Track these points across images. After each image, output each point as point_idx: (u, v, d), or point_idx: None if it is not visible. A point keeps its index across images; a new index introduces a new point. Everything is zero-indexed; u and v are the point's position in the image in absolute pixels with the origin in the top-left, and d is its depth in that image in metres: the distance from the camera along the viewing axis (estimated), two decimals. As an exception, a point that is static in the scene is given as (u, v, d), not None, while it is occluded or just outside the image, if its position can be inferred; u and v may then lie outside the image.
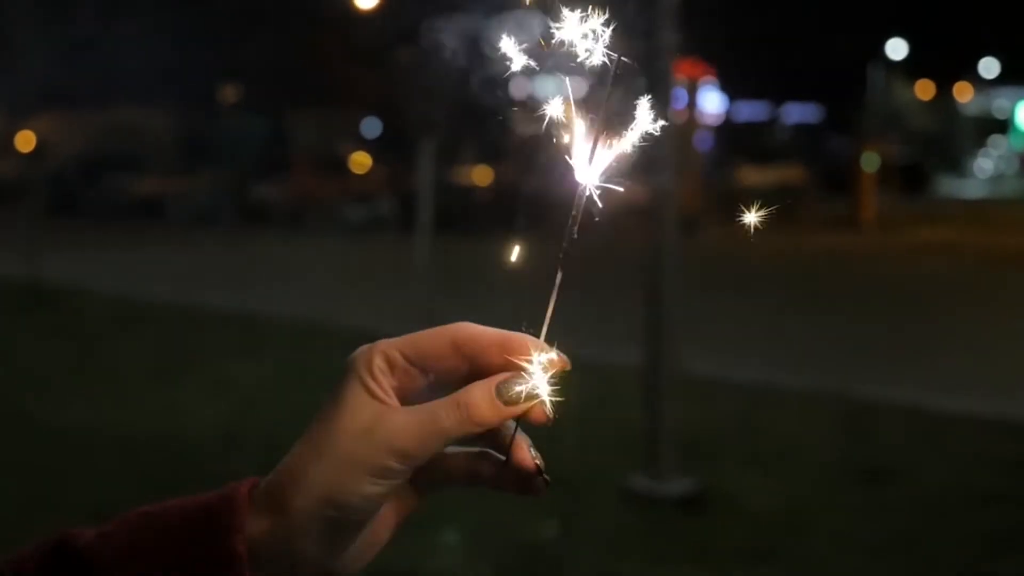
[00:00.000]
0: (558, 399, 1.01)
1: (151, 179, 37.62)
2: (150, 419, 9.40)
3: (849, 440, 8.84)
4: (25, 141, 30.78)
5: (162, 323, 14.53)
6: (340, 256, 24.01)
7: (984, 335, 13.77)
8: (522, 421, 1.01)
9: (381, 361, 0.99)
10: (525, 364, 1.00)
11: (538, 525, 6.80)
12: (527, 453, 1.02)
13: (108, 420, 9.35)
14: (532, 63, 1.02)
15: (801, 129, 52.89)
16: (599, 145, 1.02)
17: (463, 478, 1.04)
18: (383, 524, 1.02)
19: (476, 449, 1.04)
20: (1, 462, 8.24)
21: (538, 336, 1.01)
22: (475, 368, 1.01)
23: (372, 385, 0.98)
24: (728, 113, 49.13)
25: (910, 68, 54.51)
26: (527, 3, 1.02)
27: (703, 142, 36.09)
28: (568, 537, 6.75)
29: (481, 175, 32.84)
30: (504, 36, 1.01)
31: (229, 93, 47.52)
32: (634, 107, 1.02)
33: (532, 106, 1.03)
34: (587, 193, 1.02)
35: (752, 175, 36.07)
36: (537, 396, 0.99)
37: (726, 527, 6.95)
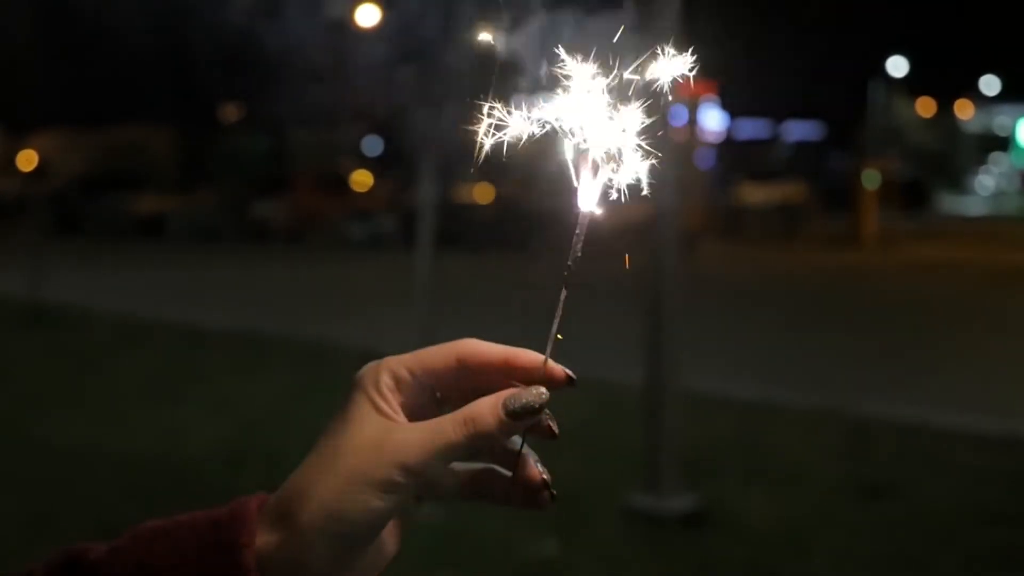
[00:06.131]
0: (561, 416, 1.02)
1: (152, 197, 37.68)
2: (151, 438, 9.39)
3: (850, 457, 8.84)
4: (27, 160, 30.84)
5: (163, 342, 14.53)
6: (341, 273, 24.03)
7: (986, 352, 13.77)
8: (528, 436, 1.02)
9: (388, 378, 1.00)
10: (531, 379, 1.01)
11: (539, 542, 6.80)
12: (534, 467, 1.03)
13: (109, 439, 9.34)
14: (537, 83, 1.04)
15: (802, 146, 52.98)
16: (600, 165, 1.03)
17: (469, 493, 1.06)
18: (390, 539, 1.03)
19: (482, 464, 1.05)
20: (3, 480, 8.24)
21: (543, 352, 1.02)
22: (481, 384, 1.02)
23: (379, 401, 0.99)
24: (729, 131, 49.21)
25: (911, 85, 54.59)
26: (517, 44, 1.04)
27: (704, 160, 36.14)
28: (569, 554, 6.74)
29: (482, 193, 32.88)
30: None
31: (230, 111, 47.61)
32: (635, 126, 1.04)
33: (534, 124, 1.04)
34: (590, 213, 1.03)
35: (753, 192, 36.13)
36: (543, 411, 1.01)
37: (727, 544, 6.95)
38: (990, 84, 58.56)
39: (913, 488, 7.96)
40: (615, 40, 1.03)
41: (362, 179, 38.00)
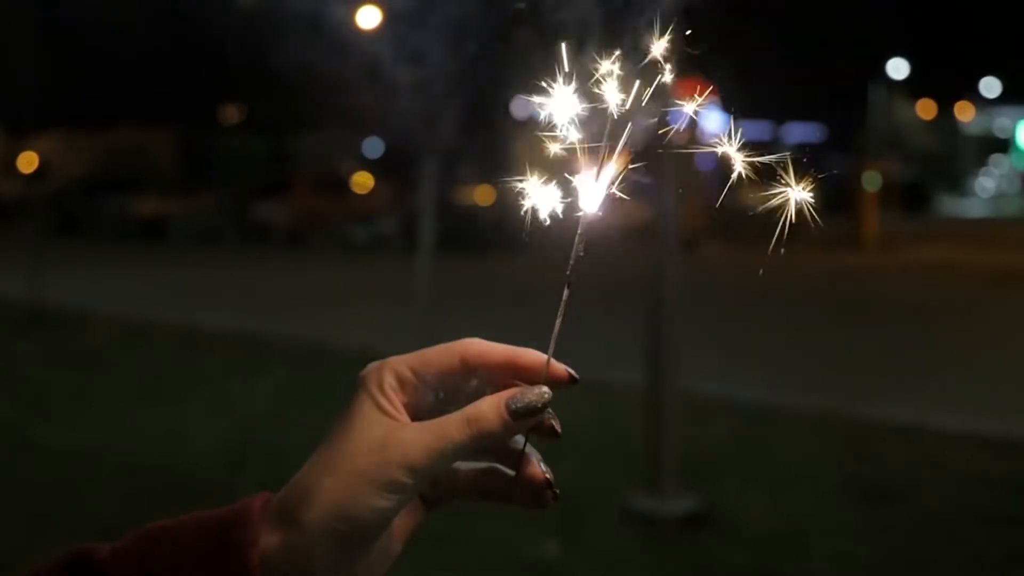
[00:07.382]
0: (562, 417, 1.02)
1: (153, 199, 37.67)
2: (152, 440, 9.39)
3: (851, 460, 8.83)
4: (27, 162, 30.87)
5: (164, 344, 14.53)
6: (342, 276, 24.02)
7: (986, 354, 13.76)
8: (530, 435, 1.03)
9: (391, 378, 1.01)
10: (533, 379, 1.02)
11: (540, 544, 6.80)
12: (537, 467, 1.03)
13: (110, 441, 9.35)
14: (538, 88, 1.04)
15: (803, 148, 52.97)
16: (602, 167, 1.03)
17: (472, 492, 1.06)
18: (393, 539, 1.04)
19: (485, 464, 1.06)
20: (4, 482, 8.24)
21: (546, 352, 1.03)
22: (484, 383, 1.03)
23: (383, 401, 1.00)
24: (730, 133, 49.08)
25: (912, 87, 54.60)
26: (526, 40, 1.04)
27: (704, 162, 36.14)
28: (570, 556, 6.74)
29: (483, 195, 32.86)
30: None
31: (231, 113, 47.62)
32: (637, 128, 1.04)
33: (535, 126, 1.05)
34: (591, 215, 1.03)
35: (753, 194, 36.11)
36: (545, 410, 1.01)
37: (727, 547, 6.95)
38: (990, 86, 58.60)
39: (913, 490, 7.96)
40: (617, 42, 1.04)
41: (363, 181, 37.96)
